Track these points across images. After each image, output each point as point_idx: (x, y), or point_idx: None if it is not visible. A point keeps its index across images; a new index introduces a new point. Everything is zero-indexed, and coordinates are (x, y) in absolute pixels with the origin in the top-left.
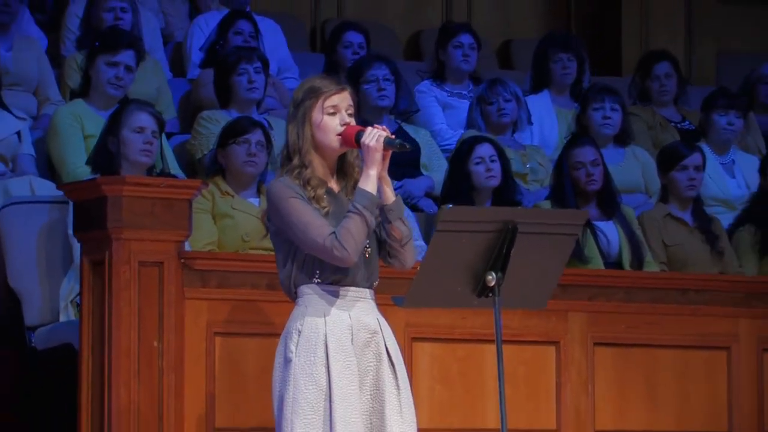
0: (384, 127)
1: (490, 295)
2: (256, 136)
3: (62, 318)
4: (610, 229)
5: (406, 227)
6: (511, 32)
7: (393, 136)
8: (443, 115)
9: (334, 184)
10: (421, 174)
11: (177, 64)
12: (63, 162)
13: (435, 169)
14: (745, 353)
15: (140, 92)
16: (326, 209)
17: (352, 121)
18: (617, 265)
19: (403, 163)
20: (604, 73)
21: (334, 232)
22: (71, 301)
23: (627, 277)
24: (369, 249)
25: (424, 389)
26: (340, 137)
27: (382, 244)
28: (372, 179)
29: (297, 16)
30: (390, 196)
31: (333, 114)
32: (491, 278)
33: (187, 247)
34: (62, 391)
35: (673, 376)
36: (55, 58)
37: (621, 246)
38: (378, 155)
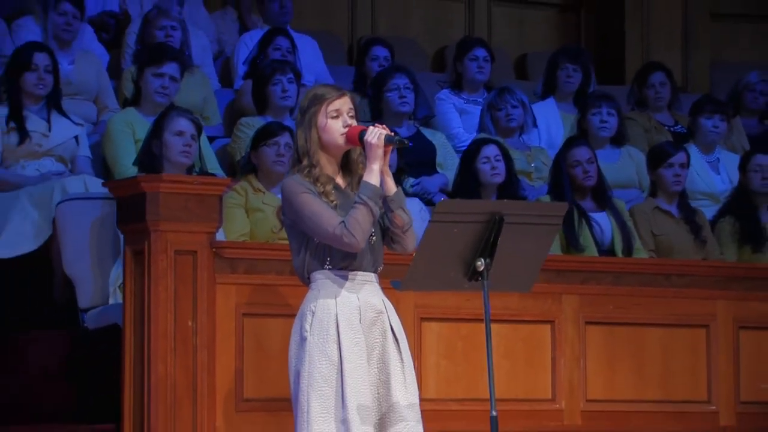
0: (383, 125)
1: (480, 279)
2: (285, 138)
3: (111, 301)
4: (603, 220)
5: (407, 215)
6: (526, 46)
7: (392, 134)
8: (460, 120)
9: (340, 180)
10: (437, 172)
11: (225, 76)
12: (115, 163)
13: (449, 167)
14: (723, 331)
15: (188, 101)
16: (334, 203)
17: (354, 122)
18: (610, 252)
19: (420, 162)
20: (609, 81)
21: (343, 222)
22: (119, 286)
23: (615, 263)
24: (374, 237)
25: (432, 364)
26: (344, 137)
27: (385, 231)
28: (375, 173)
29: (335, 33)
30: (391, 187)
31: (336, 117)
32: (480, 264)
33: (221, 237)
34: (109, 366)
35: (658, 351)
36: (116, 71)
37: (613, 235)
38: (380, 151)
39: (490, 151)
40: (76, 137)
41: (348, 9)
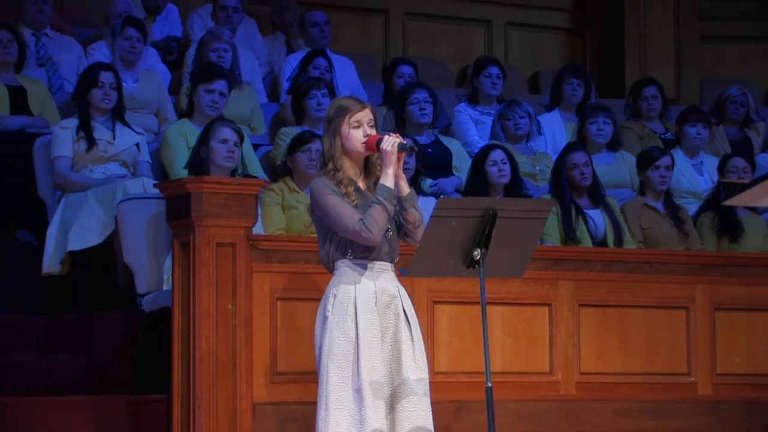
0: (398, 134)
1: (477, 266)
2: (316, 145)
3: (165, 287)
4: (597, 216)
5: (418, 212)
6: (538, 65)
7: (405, 142)
8: (476, 129)
9: (361, 182)
10: (453, 174)
11: (273, 91)
12: (170, 167)
13: (463, 171)
14: (701, 312)
15: (237, 113)
16: (355, 202)
17: (373, 132)
18: (603, 243)
19: (438, 166)
20: (610, 95)
21: (361, 219)
22: (171, 274)
23: (605, 253)
24: (390, 231)
25: (443, 342)
26: (364, 145)
27: (400, 226)
28: (390, 176)
29: (371, 54)
30: (405, 189)
31: (357, 127)
32: (477, 253)
33: (260, 230)
34: (162, 343)
35: (643, 330)
36: (177, 88)
37: (606, 229)
38: (394, 157)
39: (497, 155)
40: (137, 144)
41: (383, 33)
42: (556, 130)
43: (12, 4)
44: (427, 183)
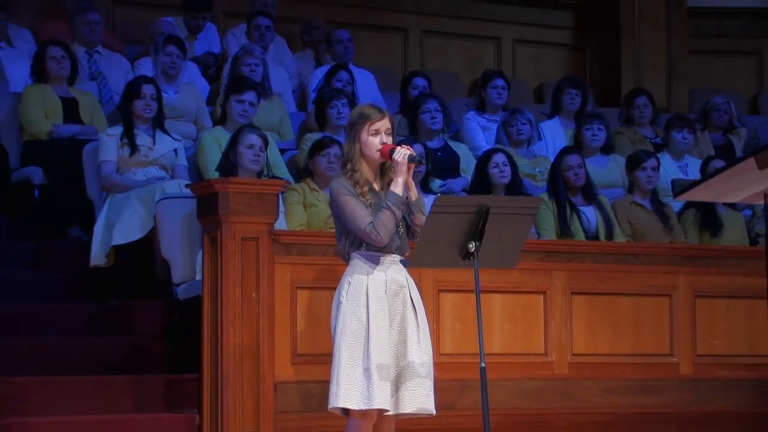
0: (409, 146)
1: (471, 258)
2: (334, 150)
3: (198, 278)
4: (590, 212)
5: (424, 216)
6: (543, 78)
7: (414, 154)
8: (483, 135)
9: (376, 184)
10: (460, 176)
11: (302, 102)
12: (205, 169)
13: (470, 172)
14: (682, 299)
15: (267, 121)
16: (369, 201)
17: (389, 140)
18: (595, 237)
19: (447, 168)
20: (608, 104)
21: (372, 222)
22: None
23: (595, 246)
24: (401, 229)
25: (447, 326)
26: (379, 152)
27: (409, 226)
28: (400, 184)
29: (391, 68)
30: (413, 195)
31: (375, 135)
32: (472, 246)
33: (283, 225)
34: (195, 328)
35: (630, 315)
36: (215, 99)
37: (598, 224)
38: (404, 167)
39: (499, 158)
40: (175, 150)
41: (402, 49)
42: (556, 135)
43: (67, 25)
44: (437, 183)
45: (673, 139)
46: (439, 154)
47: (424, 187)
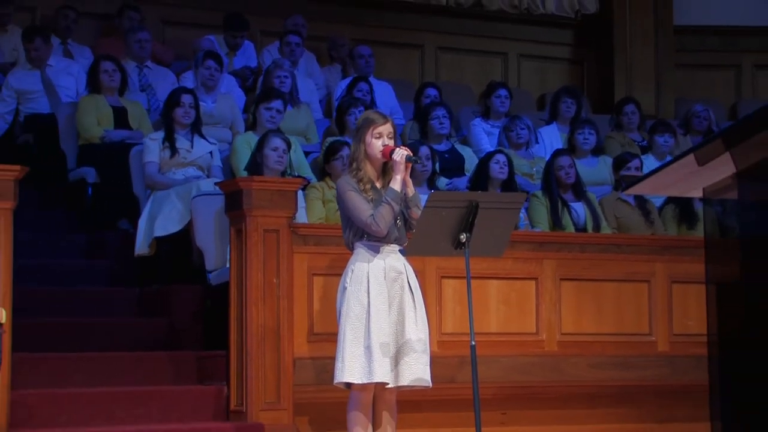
0: (407, 147)
1: (463, 247)
2: (345, 151)
3: (227, 265)
4: (579, 207)
5: (420, 210)
6: (545, 89)
7: (411, 154)
8: (487, 139)
9: (378, 182)
10: (464, 175)
11: (328, 109)
12: (237, 170)
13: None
14: (660, 285)
15: (295, 126)
16: (371, 197)
17: (391, 143)
18: (583, 230)
19: (453, 168)
20: (602, 112)
21: (372, 215)
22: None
23: (581, 237)
24: (399, 222)
25: (449, 309)
26: (381, 153)
27: (407, 219)
28: (398, 181)
29: (410, 80)
30: (410, 191)
31: (378, 137)
32: (463, 237)
33: (304, 219)
34: (225, 310)
35: (612, 299)
36: (251, 108)
37: (586, 218)
38: (402, 166)
39: (501, 157)
40: (210, 152)
41: (419, 63)
42: (553, 139)
43: (122, 43)
44: (444, 182)
45: (656, 142)
46: (446, 155)
47: (431, 185)
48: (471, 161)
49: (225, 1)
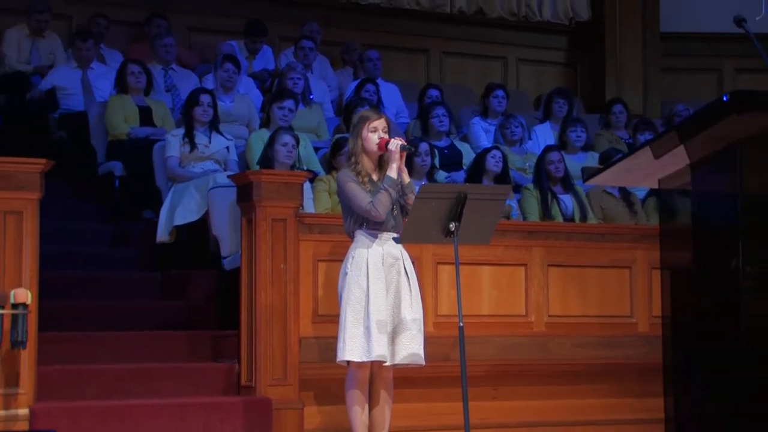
0: (401, 138)
1: (452, 235)
2: (347, 147)
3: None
4: (567, 199)
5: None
6: (542, 90)
7: (406, 143)
8: (485, 136)
9: (375, 175)
10: (462, 169)
11: (340, 109)
12: (251, 164)
13: None
14: (640, 270)
15: (307, 124)
16: (369, 189)
17: (386, 136)
18: (571, 220)
19: (452, 163)
20: (594, 111)
21: (371, 201)
22: None
23: (568, 226)
24: (395, 210)
25: (444, 292)
26: (377, 146)
27: (402, 207)
28: (394, 169)
29: (416, 82)
30: (406, 179)
31: (374, 132)
32: (452, 226)
33: (312, 209)
34: (238, 293)
35: (596, 283)
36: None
37: (574, 209)
38: (397, 155)
39: (497, 153)
40: (227, 147)
41: (425, 67)
42: (547, 136)
43: (149, 47)
44: (443, 175)
45: (638, 139)
46: (446, 151)
47: (431, 178)
48: (468, 156)
49: (246, 10)
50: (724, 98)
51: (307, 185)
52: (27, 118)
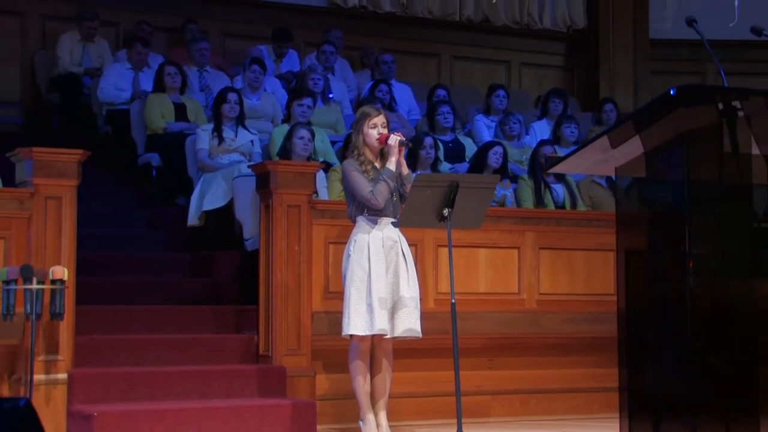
0: (399, 133)
1: (446, 221)
2: None
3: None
4: (559, 188)
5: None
6: (542, 91)
7: (404, 138)
8: (488, 132)
9: (377, 164)
10: (465, 161)
11: (357, 107)
12: (273, 156)
13: None
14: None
15: (326, 120)
16: (372, 176)
17: (386, 131)
18: (562, 207)
19: (455, 156)
20: (589, 110)
21: (372, 190)
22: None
23: (558, 213)
24: (395, 198)
25: (444, 273)
26: (378, 140)
27: (401, 195)
28: (393, 162)
29: (427, 83)
30: (404, 170)
31: (374, 127)
32: (446, 212)
33: (325, 196)
34: (258, 272)
35: (583, 265)
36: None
37: (565, 197)
38: (395, 149)
39: (498, 149)
40: (252, 141)
41: (437, 69)
42: (543, 132)
43: (184, 50)
44: (446, 167)
45: None
46: (450, 145)
47: (434, 169)
48: (471, 150)
49: (274, 17)
50: (672, 92)
51: (322, 174)
52: (78, 115)
